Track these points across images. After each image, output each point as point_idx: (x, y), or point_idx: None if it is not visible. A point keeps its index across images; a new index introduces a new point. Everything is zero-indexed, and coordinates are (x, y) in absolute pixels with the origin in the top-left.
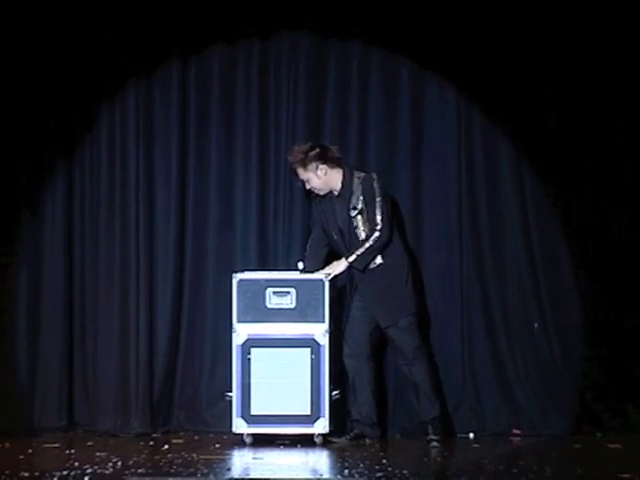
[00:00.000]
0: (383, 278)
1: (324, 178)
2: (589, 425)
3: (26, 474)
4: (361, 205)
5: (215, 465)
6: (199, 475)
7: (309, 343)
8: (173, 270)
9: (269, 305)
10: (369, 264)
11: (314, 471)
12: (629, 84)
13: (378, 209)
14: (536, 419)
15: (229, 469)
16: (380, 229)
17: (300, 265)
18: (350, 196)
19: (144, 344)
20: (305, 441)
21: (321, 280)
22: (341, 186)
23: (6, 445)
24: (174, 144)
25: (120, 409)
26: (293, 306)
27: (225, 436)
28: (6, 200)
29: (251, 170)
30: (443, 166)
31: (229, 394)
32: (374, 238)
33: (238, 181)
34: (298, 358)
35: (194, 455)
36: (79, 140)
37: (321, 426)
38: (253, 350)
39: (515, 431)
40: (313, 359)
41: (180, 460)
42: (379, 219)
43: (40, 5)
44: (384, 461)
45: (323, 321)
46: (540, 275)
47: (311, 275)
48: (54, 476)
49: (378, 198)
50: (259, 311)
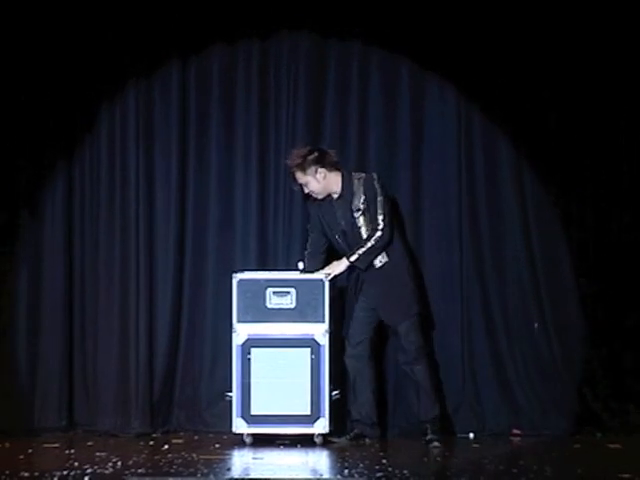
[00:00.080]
0: (389, 278)
1: (323, 182)
2: (589, 425)
3: (26, 474)
4: (363, 205)
5: (215, 465)
6: (199, 475)
7: (309, 343)
8: (173, 270)
9: (269, 305)
10: (371, 264)
11: (314, 471)
12: (629, 84)
13: (380, 209)
14: (536, 419)
15: (229, 469)
16: (382, 229)
17: (300, 265)
18: (351, 197)
19: (144, 344)
20: (305, 441)
21: (321, 280)
22: (341, 188)
23: (6, 445)
24: (174, 144)
25: (120, 409)
26: (293, 306)
27: (225, 436)
28: (6, 200)
29: (251, 170)
30: (443, 166)
31: (229, 394)
32: (376, 238)
33: (238, 181)
34: (298, 358)
35: (194, 455)
36: (79, 140)
37: (321, 426)
38: (253, 350)
39: (515, 431)
40: (313, 359)
41: (180, 460)
42: (380, 219)
43: (40, 5)
44: (384, 461)
45: (323, 321)
46: (540, 275)
47: (311, 275)
48: (54, 476)
49: (379, 198)
50: (259, 311)
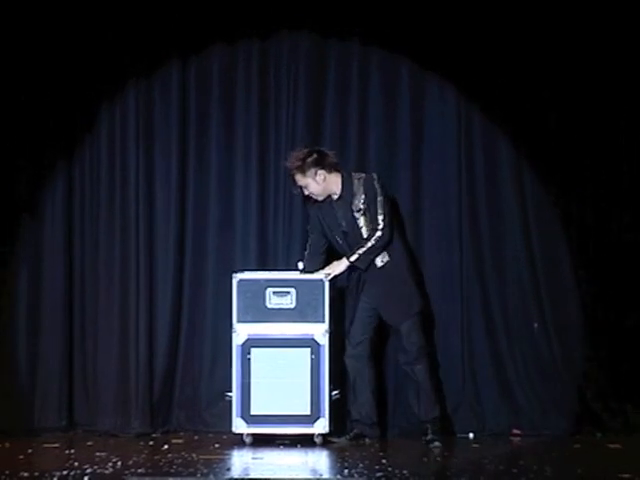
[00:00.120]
0: (390, 277)
1: (323, 184)
2: (589, 425)
3: (26, 474)
4: (364, 205)
5: (215, 465)
6: (199, 475)
7: (309, 343)
8: (173, 270)
9: (269, 305)
10: (371, 263)
11: (314, 471)
12: (629, 84)
13: (380, 209)
14: (536, 419)
15: (229, 469)
16: (382, 229)
17: (300, 265)
18: (351, 198)
19: (144, 344)
20: (305, 441)
21: (321, 280)
22: (341, 189)
23: (6, 445)
24: (174, 144)
25: (120, 409)
26: (293, 306)
27: (225, 436)
28: (6, 200)
29: (251, 170)
30: (443, 166)
31: (229, 394)
32: (376, 238)
33: (238, 181)
34: (298, 358)
35: (194, 455)
36: (79, 140)
37: (321, 426)
38: (253, 350)
39: (515, 431)
40: (313, 359)
41: (180, 460)
42: (380, 219)
43: (40, 5)
44: (384, 461)
45: (323, 321)
46: (540, 275)
47: (311, 275)
48: (54, 476)
49: (379, 197)
50: (259, 311)
